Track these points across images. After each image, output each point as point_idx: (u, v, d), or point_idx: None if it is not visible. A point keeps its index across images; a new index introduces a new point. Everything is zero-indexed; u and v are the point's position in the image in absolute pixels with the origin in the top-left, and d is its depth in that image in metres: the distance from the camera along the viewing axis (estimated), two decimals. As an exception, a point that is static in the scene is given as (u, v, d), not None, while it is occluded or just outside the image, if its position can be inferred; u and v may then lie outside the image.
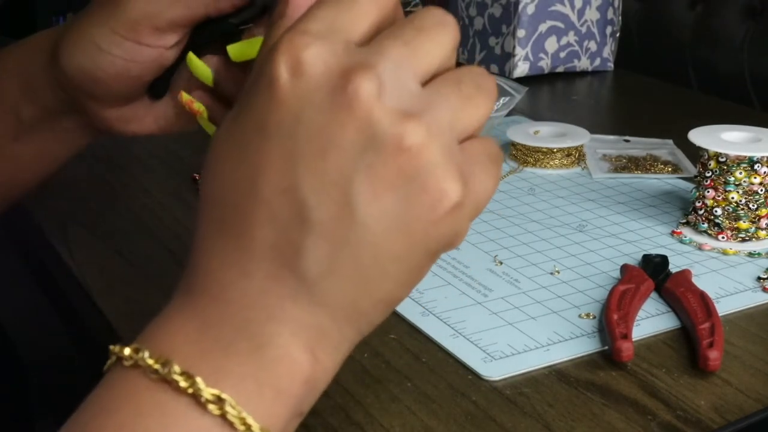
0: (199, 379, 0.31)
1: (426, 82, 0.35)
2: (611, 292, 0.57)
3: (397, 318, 0.57)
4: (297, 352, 0.33)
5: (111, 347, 0.34)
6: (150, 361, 0.32)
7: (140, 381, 0.32)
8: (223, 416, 0.31)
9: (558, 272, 0.63)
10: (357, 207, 0.32)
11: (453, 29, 0.37)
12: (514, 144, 0.85)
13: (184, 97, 0.49)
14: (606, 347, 0.53)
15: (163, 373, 0.32)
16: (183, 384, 0.31)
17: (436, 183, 0.33)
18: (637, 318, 0.57)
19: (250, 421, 0.32)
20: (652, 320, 0.57)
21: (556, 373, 0.51)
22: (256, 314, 0.33)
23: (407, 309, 0.58)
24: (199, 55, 0.49)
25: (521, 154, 0.85)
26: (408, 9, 1.09)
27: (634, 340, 0.52)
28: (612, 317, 0.54)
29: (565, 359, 0.53)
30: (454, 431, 0.46)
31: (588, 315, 0.57)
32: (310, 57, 0.33)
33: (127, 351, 0.33)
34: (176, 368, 0.32)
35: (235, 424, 0.31)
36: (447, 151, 0.33)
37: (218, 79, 0.49)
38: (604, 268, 0.64)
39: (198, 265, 0.35)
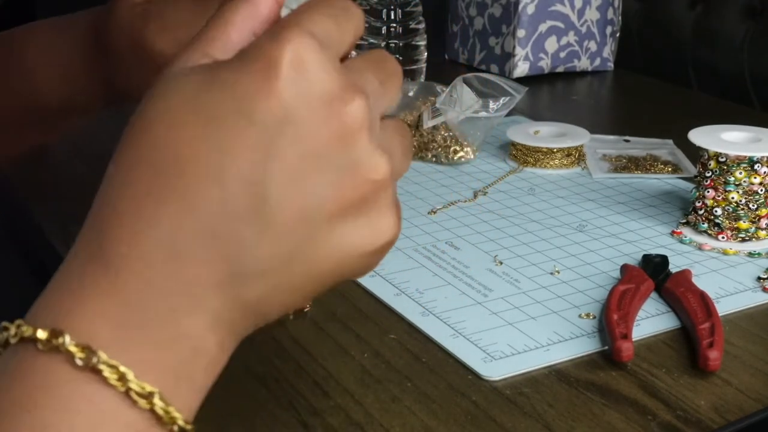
0: (129, 372, 0.30)
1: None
2: (611, 292, 0.57)
3: (397, 318, 0.57)
4: (211, 345, 0.33)
5: (6, 324, 0.31)
6: (73, 348, 0.30)
7: (61, 369, 0.30)
8: (152, 410, 0.30)
9: (558, 272, 0.63)
10: (316, 222, 0.33)
11: (401, 79, 0.38)
12: (514, 144, 0.85)
13: None
14: (606, 347, 0.53)
15: (90, 363, 0.30)
16: (110, 375, 0.30)
17: (387, 220, 0.35)
18: (637, 318, 0.57)
19: (175, 414, 0.31)
20: (652, 320, 0.57)
21: (556, 373, 0.51)
22: (180, 302, 0.31)
23: (407, 309, 0.58)
24: None
25: (521, 154, 0.85)
26: (408, 9, 1.09)
27: (634, 340, 0.52)
28: (612, 317, 0.54)
29: (565, 359, 0.53)
30: (454, 431, 0.46)
31: (588, 315, 0.57)
32: (315, 61, 0.32)
33: (41, 334, 0.30)
34: (103, 356, 0.30)
35: (163, 418, 0.30)
36: (395, 185, 0.36)
37: None
38: (604, 268, 0.64)
39: (114, 232, 0.32)
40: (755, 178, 0.66)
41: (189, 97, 0.32)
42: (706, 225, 0.68)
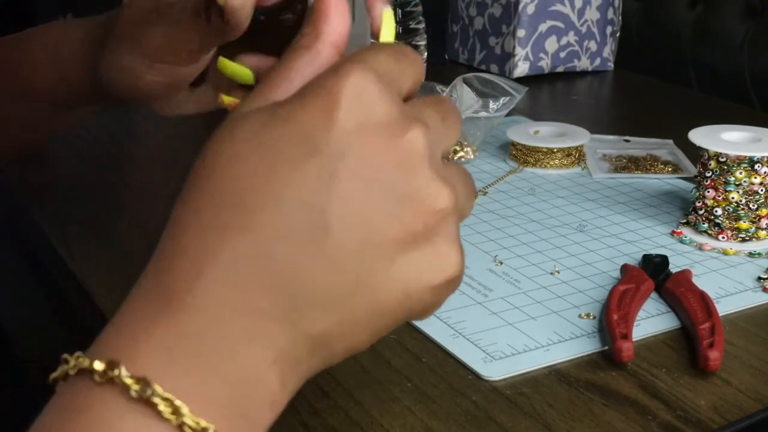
0: (184, 407, 0.29)
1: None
2: (611, 292, 0.57)
3: (397, 318, 0.57)
4: (273, 381, 0.32)
5: (67, 356, 0.31)
6: (128, 380, 0.30)
7: (116, 401, 0.30)
8: None
9: (558, 272, 0.63)
10: (377, 252, 0.32)
11: (461, 120, 0.38)
12: (514, 144, 0.85)
13: (226, 100, 0.49)
14: (606, 347, 0.53)
15: (144, 395, 0.29)
16: (164, 409, 0.29)
17: (450, 252, 0.34)
18: (637, 318, 0.57)
19: None
20: (652, 320, 0.57)
21: (556, 373, 0.51)
22: (239, 334, 0.31)
23: (407, 309, 0.58)
24: (232, 54, 0.48)
25: (521, 154, 0.85)
26: (408, 9, 1.09)
27: (634, 340, 0.52)
28: (612, 317, 0.54)
29: (565, 359, 0.53)
30: (454, 431, 0.46)
31: (588, 315, 0.57)
32: (375, 92, 0.33)
33: (98, 365, 0.30)
34: (158, 390, 0.29)
35: None
36: (459, 223, 0.35)
37: (260, 75, 0.48)
38: (604, 268, 0.64)
39: (176, 267, 0.32)
40: (755, 178, 0.66)
41: (250, 134, 0.33)
42: (706, 225, 0.68)
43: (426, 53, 1.12)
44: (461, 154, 0.85)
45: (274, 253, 0.31)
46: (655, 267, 0.62)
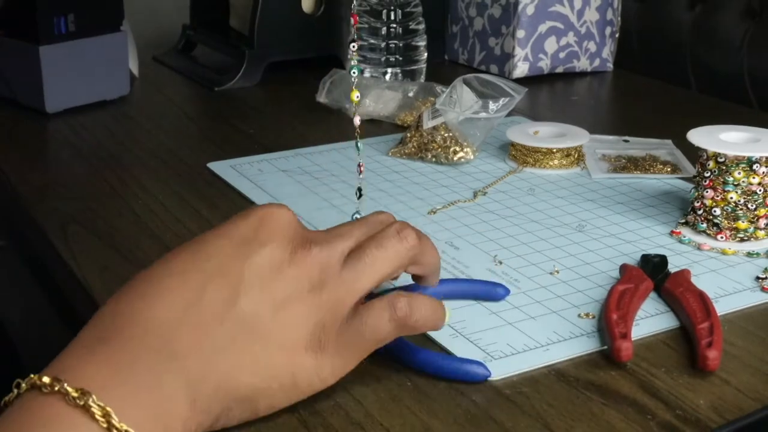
0: (113, 412, 0.38)
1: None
2: (610, 292, 0.57)
3: (396, 318, 0.57)
4: (183, 400, 0.41)
5: (19, 380, 0.39)
6: (71, 389, 0.38)
7: (58, 405, 0.38)
8: None
9: (557, 272, 0.64)
10: (267, 314, 0.45)
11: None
12: (513, 144, 0.85)
13: None
14: (605, 347, 0.53)
15: (83, 401, 0.38)
16: (97, 413, 0.38)
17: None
18: (637, 318, 0.57)
19: None
20: (651, 320, 0.57)
21: (556, 373, 0.51)
22: (160, 365, 0.41)
23: (407, 309, 0.58)
24: None
25: (521, 155, 0.85)
26: (408, 9, 1.09)
27: (633, 339, 0.52)
28: (611, 317, 0.54)
29: (565, 359, 0.53)
30: (454, 431, 0.46)
31: (587, 315, 0.57)
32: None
33: (46, 379, 0.39)
34: (94, 398, 0.38)
35: None
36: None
37: None
38: (603, 267, 0.64)
39: (117, 319, 0.43)
40: (754, 178, 0.66)
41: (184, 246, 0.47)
42: (705, 225, 0.68)
43: (426, 54, 1.12)
44: (461, 154, 0.85)
45: (193, 306, 0.43)
46: (654, 267, 0.62)
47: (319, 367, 0.46)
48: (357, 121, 0.59)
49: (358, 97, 0.58)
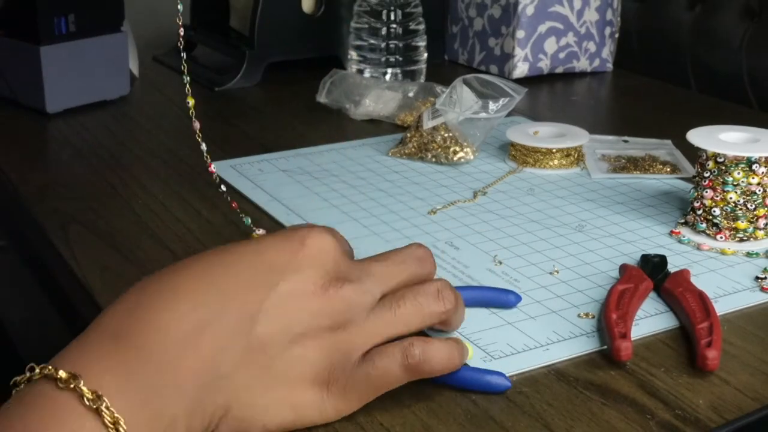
0: (121, 420, 0.38)
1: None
2: (610, 292, 0.57)
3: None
4: (182, 418, 0.41)
5: (33, 365, 0.40)
6: (85, 390, 0.38)
7: (71, 404, 0.38)
8: None
9: (557, 272, 0.64)
10: (280, 347, 0.45)
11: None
12: (513, 144, 0.86)
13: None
14: (605, 347, 0.54)
15: (95, 404, 0.38)
16: (108, 418, 0.38)
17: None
18: (636, 317, 0.57)
19: None
20: (650, 320, 0.57)
21: (556, 373, 0.52)
22: (167, 383, 0.41)
23: (407, 309, 0.58)
24: None
25: (521, 155, 0.85)
26: (408, 10, 1.09)
27: (633, 339, 0.53)
28: (611, 317, 0.54)
29: (565, 359, 0.53)
30: (454, 431, 0.46)
31: (587, 314, 0.58)
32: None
33: (63, 373, 0.39)
34: (106, 402, 0.38)
35: None
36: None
37: None
38: (603, 267, 0.64)
39: (139, 324, 0.42)
40: (753, 178, 0.66)
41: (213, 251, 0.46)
42: (704, 225, 0.69)
43: (425, 54, 1.12)
44: (461, 154, 0.85)
45: (207, 330, 0.42)
46: (653, 267, 0.62)
47: (322, 405, 0.45)
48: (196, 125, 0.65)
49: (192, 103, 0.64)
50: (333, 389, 0.45)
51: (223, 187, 0.67)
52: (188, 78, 0.61)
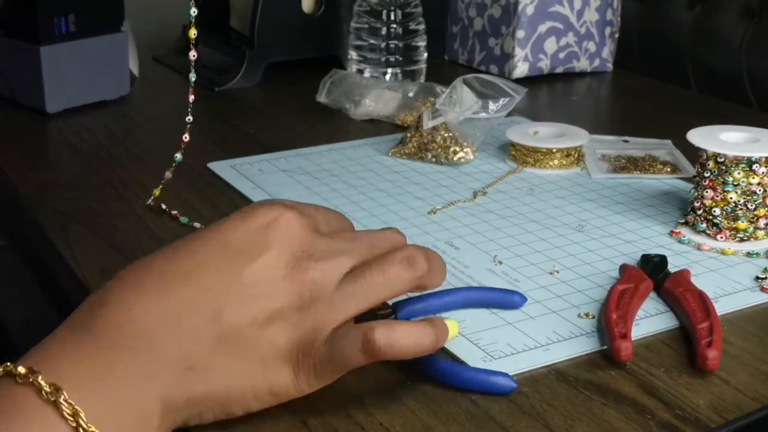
0: (81, 413, 0.38)
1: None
2: (610, 292, 0.57)
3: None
4: (155, 414, 0.42)
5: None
6: (43, 383, 0.38)
7: (29, 398, 0.38)
8: None
9: (557, 272, 0.64)
10: (253, 333, 0.45)
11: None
12: (513, 144, 0.86)
13: None
14: (605, 347, 0.54)
15: (54, 397, 0.38)
16: (67, 411, 0.38)
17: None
18: (636, 317, 0.57)
19: None
20: (650, 320, 0.57)
21: (556, 373, 0.52)
22: (139, 372, 0.41)
23: (407, 309, 0.58)
24: None
25: (521, 155, 0.85)
26: (408, 10, 1.09)
27: (633, 339, 0.53)
28: (611, 317, 0.54)
29: (565, 359, 0.53)
30: (454, 431, 0.46)
31: (587, 315, 0.58)
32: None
33: (21, 369, 0.39)
34: (65, 395, 0.38)
35: None
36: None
37: None
38: (603, 267, 0.64)
39: (101, 311, 0.42)
40: (753, 178, 0.66)
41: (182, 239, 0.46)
42: (704, 225, 0.69)
43: (425, 54, 1.12)
44: (461, 154, 0.85)
45: (180, 318, 0.42)
46: (653, 267, 0.62)
47: (296, 380, 0.45)
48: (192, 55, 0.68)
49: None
50: (303, 366, 0.45)
51: (190, 117, 0.68)
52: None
